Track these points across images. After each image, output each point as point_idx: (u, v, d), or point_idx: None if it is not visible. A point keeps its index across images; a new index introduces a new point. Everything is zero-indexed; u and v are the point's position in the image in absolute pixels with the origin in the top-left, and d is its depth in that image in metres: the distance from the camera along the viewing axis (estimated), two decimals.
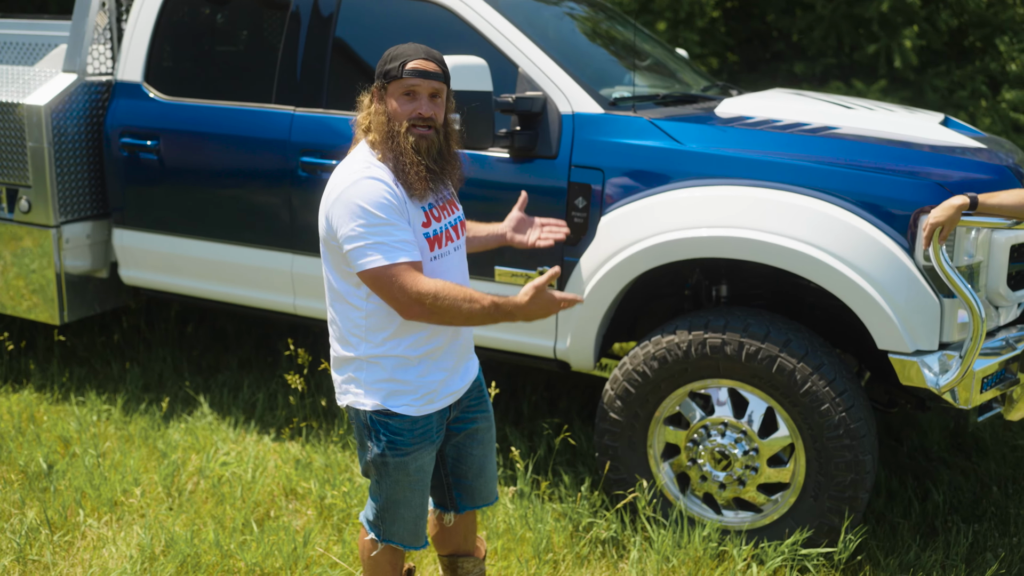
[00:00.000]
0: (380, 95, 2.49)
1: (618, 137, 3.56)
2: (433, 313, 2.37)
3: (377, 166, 2.43)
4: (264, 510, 3.70)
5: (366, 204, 2.34)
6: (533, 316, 2.41)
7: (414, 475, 2.59)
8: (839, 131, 3.61)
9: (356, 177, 2.38)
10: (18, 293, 4.67)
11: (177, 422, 4.38)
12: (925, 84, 9.57)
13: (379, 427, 2.53)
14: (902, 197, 3.21)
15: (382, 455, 2.55)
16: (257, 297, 4.36)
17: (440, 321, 2.42)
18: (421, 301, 2.35)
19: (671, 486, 3.56)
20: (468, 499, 2.83)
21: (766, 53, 12.76)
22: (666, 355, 3.41)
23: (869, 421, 3.29)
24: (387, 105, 2.46)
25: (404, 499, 2.62)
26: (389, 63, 2.46)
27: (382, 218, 2.34)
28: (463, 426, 2.73)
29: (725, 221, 3.30)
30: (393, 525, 2.65)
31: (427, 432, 2.57)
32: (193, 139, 4.35)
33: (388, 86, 2.46)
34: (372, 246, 2.34)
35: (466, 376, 2.68)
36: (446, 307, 2.36)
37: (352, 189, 2.36)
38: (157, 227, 4.50)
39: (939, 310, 3.19)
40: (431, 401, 2.56)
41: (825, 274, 3.20)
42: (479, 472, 2.80)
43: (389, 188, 2.38)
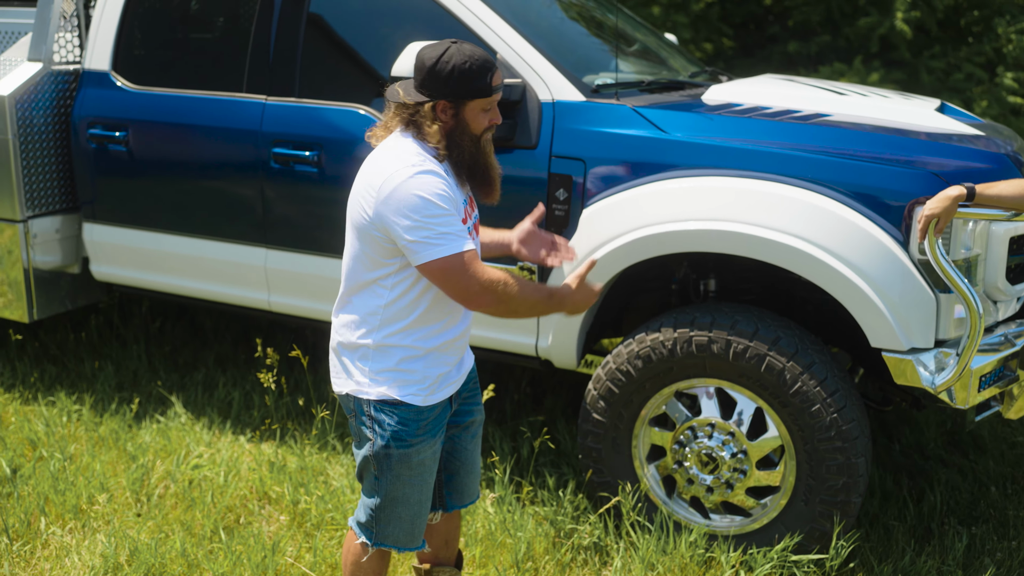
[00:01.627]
0: (455, 108, 2.38)
1: (600, 126, 3.41)
2: (501, 302, 2.36)
3: (430, 159, 2.38)
4: (235, 515, 3.56)
5: (429, 196, 2.30)
6: (578, 306, 2.50)
7: (416, 469, 2.51)
8: (830, 118, 3.46)
9: (413, 170, 2.31)
10: None
11: (149, 423, 4.24)
12: (920, 66, 9.42)
13: (384, 417, 2.46)
14: (896, 187, 3.07)
15: (386, 447, 2.47)
16: (231, 293, 4.21)
17: (506, 309, 2.40)
18: (493, 289, 2.34)
19: (657, 489, 3.42)
20: (457, 497, 2.76)
21: (761, 37, 12.59)
22: (651, 353, 3.27)
23: (862, 422, 3.15)
24: (464, 119, 2.40)
25: (403, 496, 2.52)
26: (475, 80, 2.35)
27: (445, 209, 2.31)
28: (462, 419, 2.69)
29: (710, 214, 3.15)
30: (389, 525, 2.55)
31: (431, 423, 2.51)
32: (162, 130, 4.19)
33: (469, 102, 2.38)
34: (439, 236, 2.30)
35: (463, 367, 2.64)
36: (514, 294, 2.37)
37: (411, 182, 2.30)
38: (128, 221, 4.35)
39: (935, 306, 3.05)
40: (435, 391, 2.51)
41: (815, 269, 3.06)
42: (470, 467, 2.75)
43: (446, 181, 2.36)
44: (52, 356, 4.95)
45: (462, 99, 2.37)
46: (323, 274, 3.91)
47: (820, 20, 10.50)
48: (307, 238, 3.93)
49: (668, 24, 10.87)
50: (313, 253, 3.92)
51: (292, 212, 3.96)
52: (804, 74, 10.54)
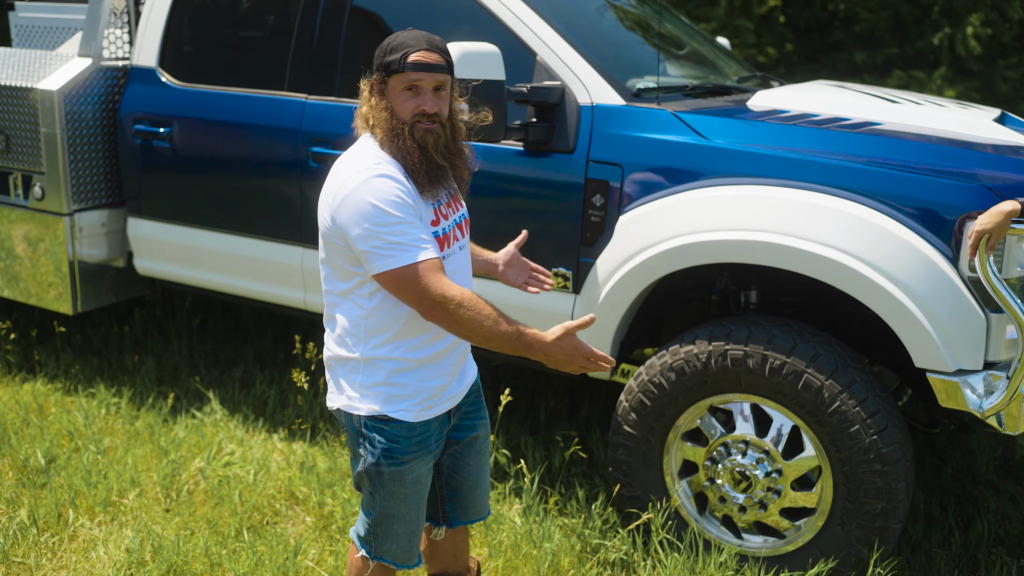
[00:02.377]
0: (380, 88, 2.31)
1: (639, 131, 3.32)
2: (454, 321, 2.21)
3: (388, 161, 2.26)
4: (262, 515, 3.55)
5: (379, 203, 2.18)
6: (554, 359, 2.22)
7: (410, 487, 2.41)
8: (880, 127, 3.32)
9: (367, 174, 2.21)
10: (33, 281, 4.59)
11: (185, 418, 4.26)
12: (995, 75, 9.12)
13: (374, 434, 2.36)
14: (946, 201, 2.93)
15: (376, 464, 2.38)
16: (268, 291, 4.21)
17: (457, 331, 2.25)
18: (444, 305, 2.19)
19: (688, 506, 3.32)
20: (462, 513, 2.66)
21: (826, 43, 12.32)
22: (684, 366, 3.17)
23: (904, 445, 3.02)
24: (389, 100, 2.29)
25: (399, 513, 2.44)
26: (389, 55, 2.28)
27: (398, 216, 2.19)
28: (462, 434, 2.57)
29: (748, 223, 3.04)
30: (386, 541, 2.47)
31: (425, 440, 2.41)
32: (204, 127, 4.21)
33: (389, 80, 2.29)
34: (390, 246, 2.18)
35: (464, 379, 2.52)
36: (468, 319, 2.19)
37: (363, 187, 2.19)
38: (169, 217, 4.38)
39: (985, 326, 2.90)
40: (430, 407, 2.40)
41: (857, 283, 2.93)
42: (475, 484, 2.64)
43: (402, 185, 2.23)
44: (95, 349, 5.01)
45: (384, 76, 2.28)
46: None
47: (888, 28, 10.24)
48: None
49: (731, 28, 10.69)
50: None
51: None
52: (871, 83, 10.30)
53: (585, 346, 2.23)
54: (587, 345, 2.24)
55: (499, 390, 4.35)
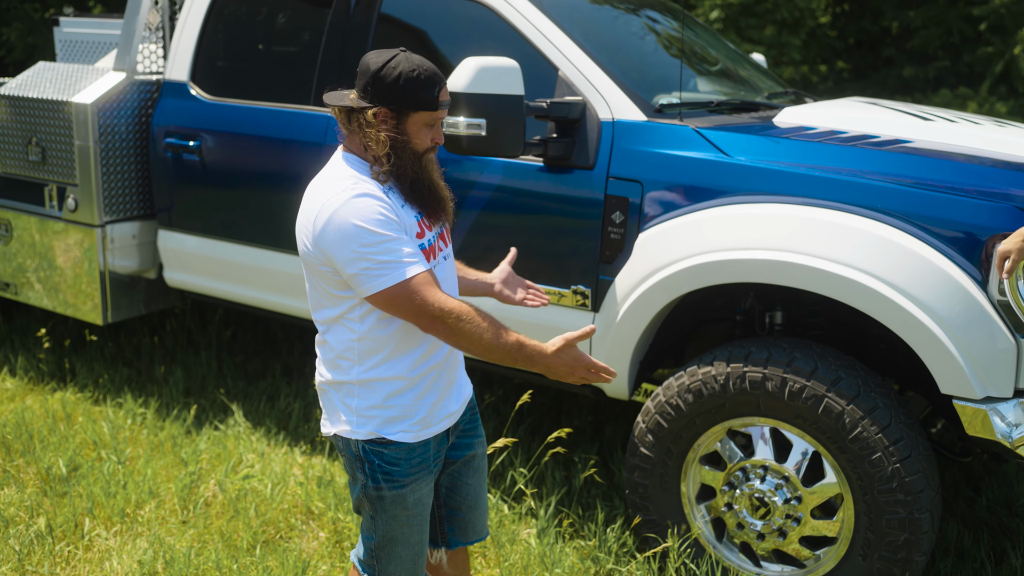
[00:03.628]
0: (396, 118, 2.22)
1: (659, 147, 3.26)
2: (453, 334, 2.17)
3: (364, 180, 2.20)
4: (277, 529, 3.54)
5: (363, 223, 2.12)
6: (555, 371, 2.19)
7: (412, 508, 2.36)
8: (910, 145, 3.23)
9: (346, 195, 2.15)
10: (67, 291, 4.66)
11: (208, 430, 4.28)
12: None
13: (373, 458, 2.32)
14: (975, 221, 2.82)
15: (377, 488, 2.33)
16: (293, 305, 4.22)
17: (457, 344, 2.21)
18: (443, 319, 2.15)
19: (706, 531, 3.24)
20: (461, 534, 2.60)
21: (877, 59, 12.11)
22: (702, 388, 3.10)
23: (929, 475, 2.90)
24: (406, 131, 2.22)
25: (402, 536, 2.39)
26: (421, 90, 2.19)
27: (384, 235, 2.14)
28: (460, 452, 2.53)
29: (769, 243, 2.96)
30: (390, 565, 2.41)
31: (425, 460, 2.37)
32: (231, 140, 4.24)
33: (413, 114, 2.22)
34: (380, 266, 2.13)
35: (461, 396, 2.48)
36: (468, 331, 2.16)
37: (344, 209, 2.13)
38: (198, 230, 4.42)
39: (1016, 352, 2.79)
40: (428, 425, 2.36)
41: (881, 306, 2.84)
42: (473, 504, 2.58)
43: (383, 203, 2.18)
44: (127, 359, 5.07)
45: (405, 110, 2.21)
46: None
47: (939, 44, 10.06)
48: None
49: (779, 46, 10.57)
50: None
51: None
52: (921, 100, 10.10)
53: (585, 357, 2.19)
54: (587, 356, 2.20)
55: (519, 407, 4.30)
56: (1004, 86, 9.24)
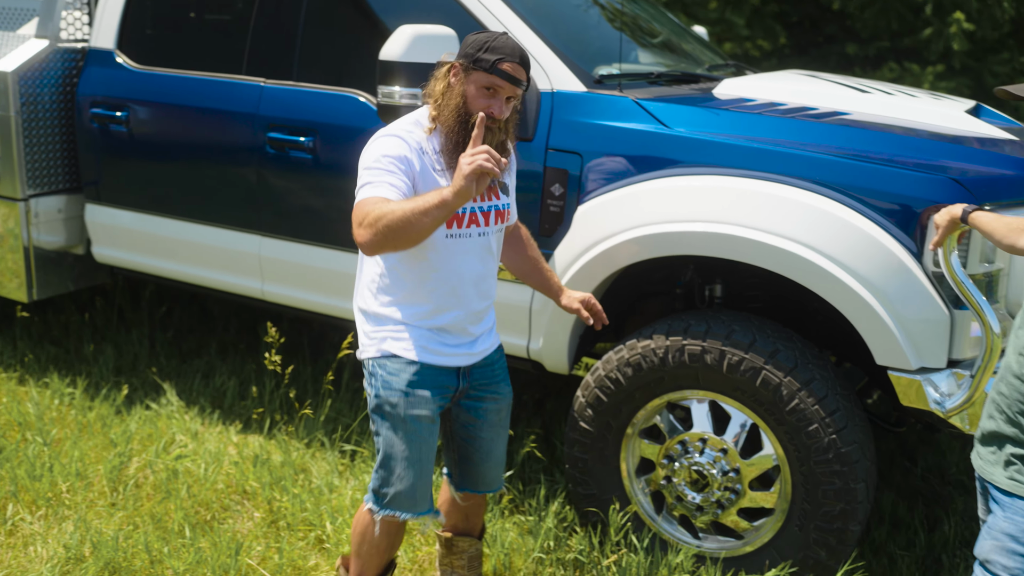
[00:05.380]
0: (462, 73, 2.46)
1: (599, 119, 3.22)
2: (373, 229, 2.28)
3: (407, 130, 2.48)
4: (210, 510, 3.45)
5: (378, 152, 2.42)
6: (459, 186, 2.24)
7: (410, 425, 2.51)
8: (848, 117, 3.23)
9: (383, 132, 2.48)
10: None
11: (139, 409, 4.16)
12: (984, 71, 9.05)
13: (378, 369, 2.55)
14: (910, 193, 2.83)
15: (377, 397, 2.54)
16: (225, 280, 4.11)
17: (385, 239, 2.28)
18: (361, 222, 2.30)
19: (645, 505, 3.23)
20: (470, 482, 2.79)
21: (818, 36, 12.21)
22: (641, 361, 3.08)
23: (864, 445, 2.93)
24: (465, 88, 2.45)
25: (401, 453, 2.52)
26: (484, 53, 2.42)
27: (380, 166, 2.40)
28: (471, 403, 2.68)
29: (706, 215, 2.95)
30: (391, 486, 2.55)
31: (423, 382, 2.52)
32: (160, 111, 4.10)
33: (473, 72, 2.44)
34: (362, 186, 2.38)
35: (473, 347, 2.63)
36: (380, 215, 2.27)
37: (375, 143, 2.46)
38: (127, 203, 4.27)
39: (949, 323, 2.81)
40: (432, 354, 2.55)
41: (818, 278, 2.84)
42: (485, 456, 2.74)
43: (407, 145, 2.44)
44: (54, 337, 4.91)
45: (468, 65, 2.43)
46: (316, 264, 3.79)
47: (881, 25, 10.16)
48: (301, 227, 3.80)
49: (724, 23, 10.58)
50: (307, 243, 3.80)
51: (286, 200, 3.83)
52: (863, 76, 10.19)
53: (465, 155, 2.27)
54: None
55: None
56: (943, 64, 9.37)
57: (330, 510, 3.35)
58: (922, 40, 9.06)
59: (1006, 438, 2.11)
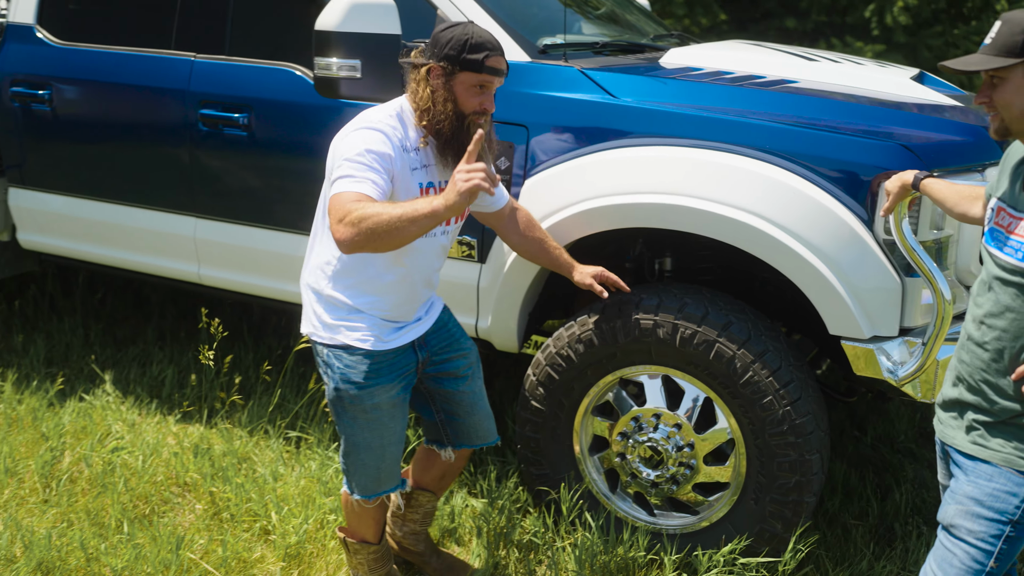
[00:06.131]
0: (445, 76, 2.44)
1: (544, 89, 3.13)
2: (355, 227, 2.21)
3: (391, 125, 2.44)
4: (150, 504, 3.32)
5: (358, 145, 2.37)
6: (451, 199, 2.23)
7: (371, 413, 2.53)
8: (796, 85, 3.18)
9: (367, 124, 2.42)
10: None
11: (74, 401, 3.99)
12: (919, 44, 9.16)
13: (334, 361, 2.54)
14: (860, 160, 2.79)
15: (336, 389, 2.54)
16: (160, 265, 3.95)
17: (368, 237, 2.22)
18: (343, 219, 2.23)
19: (599, 484, 3.18)
20: (465, 438, 2.83)
21: (756, 12, 12.26)
22: (592, 338, 3.01)
23: (819, 416, 2.90)
24: (454, 90, 2.44)
25: (364, 442, 2.56)
26: (468, 52, 2.41)
27: (363, 161, 2.35)
28: (440, 366, 2.73)
29: (655, 186, 2.88)
30: (356, 474, 2.61)
31: (383, 368, 2.53)
32: (86, 89, 3.92)
33: (459, 73, 2.43)
34: (341, 176, 2.33)
35: (421, 319, 2.67)
36: (364, 215, 2.22)
37: (358, 133, 2.40)
38: (54, 187, 4.09)
39: (900, 291, 2.79)
40: (388, 341, 2.56)
41: (769, 248, 2.79)
42: (470, 410, 2.79)
43: (390, 142, 2.41)
44: None
45: (453, 67, 2.41)
46: (255, 246, 3.65)
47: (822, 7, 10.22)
48: (237, 208, 3.67)
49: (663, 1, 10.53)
50: (244, 224, 3.66)
51: (221, 179, 3.69)
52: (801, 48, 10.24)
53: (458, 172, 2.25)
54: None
55: None
56: (881, 40, 9.47)
57: (275, 499, 3.25)
58: (861, 16, 9.14)
59: (968, 405, 2.09)
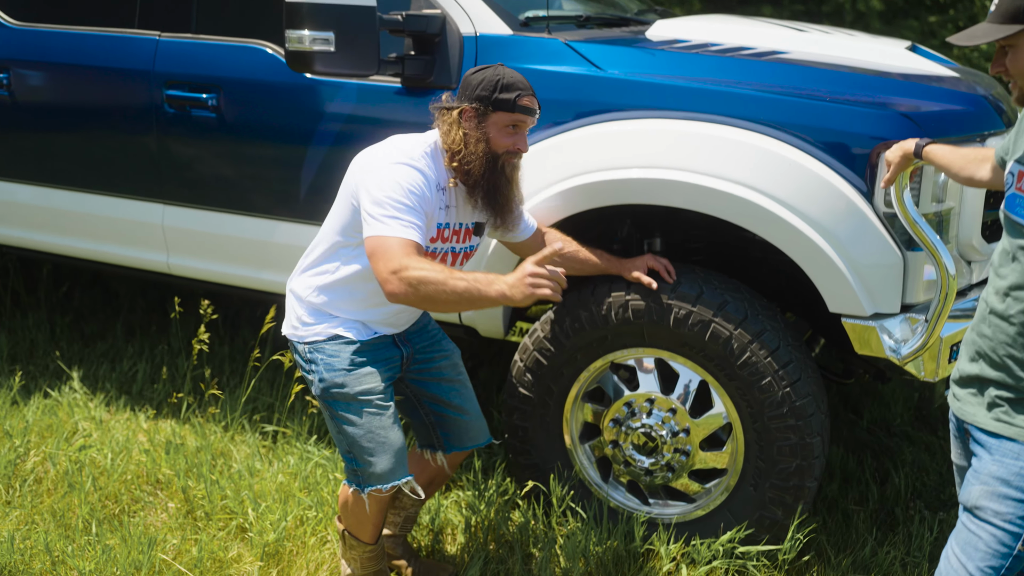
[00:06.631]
0: (478, 117, 2.44)
1: (528, 62, 2.99)
2: (409, 285, 2.24)
3: (430, 165, 2.44)
4: (120, 503, 3.16)
5: (401, 183, 2.34)
6: (513, 294, 2.25)
7: (361, 398, 2.48)
8: (788, 56, 3.06)
9: (406, 161, 2.39)
10: None
11: (39, 398, 3.82)
12: (895, 33, 9.16)
13: (316, 355, 2.52)
14: (860, 131, 2.68)
15: (322, 381, 2.50)
16: (128, 255, 3.78)
17: (417, 298, 2.26)
18: (399, 272, 2.24)
19: (591, 473, 3.05)
20: (456, 439, 2.74)
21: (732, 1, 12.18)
22: (582, 321, 2.88)
23: (819, 398, 2.79)
24: (486, 131, 2.44)
25: (364, 429, 2.48)
26: (501, 92, 2.42)
27: (408, 203, 2.33)
28: (423, 367, 2.69)
29: (646, 160, 2.76)
30: (368, 466, 2.49)
31: (365, 353, 2.51)
32: (45, 72, 3.75)
33: (493, 114, 2.44)
34: (389, 217, 2.31)
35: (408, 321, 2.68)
36: (421, 278, 2.23)
37: (396, 168, 2.37)
38: (12, 174, 3.91)
39: (902, 265, 2.68)
40: (366, 332, 2.55)
41: (765, 222, 2.67)
42: (460, 411, 2.72)
43: (428, 183, 2.40)
44: None
45: (485, 108, 2.41)
46: (226, 233, 3.50)
47: None
48: (207, 193, 3.51)
49: None
50: (214, 209, 3.50)
51: (189, 164, 3.53)
52: None
53: (526, 267, 2.25)
54: (526, 266, 2.25)
55: None
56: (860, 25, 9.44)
57: (252, 496, 3.10)
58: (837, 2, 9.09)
59: (990, 381, 1.97)
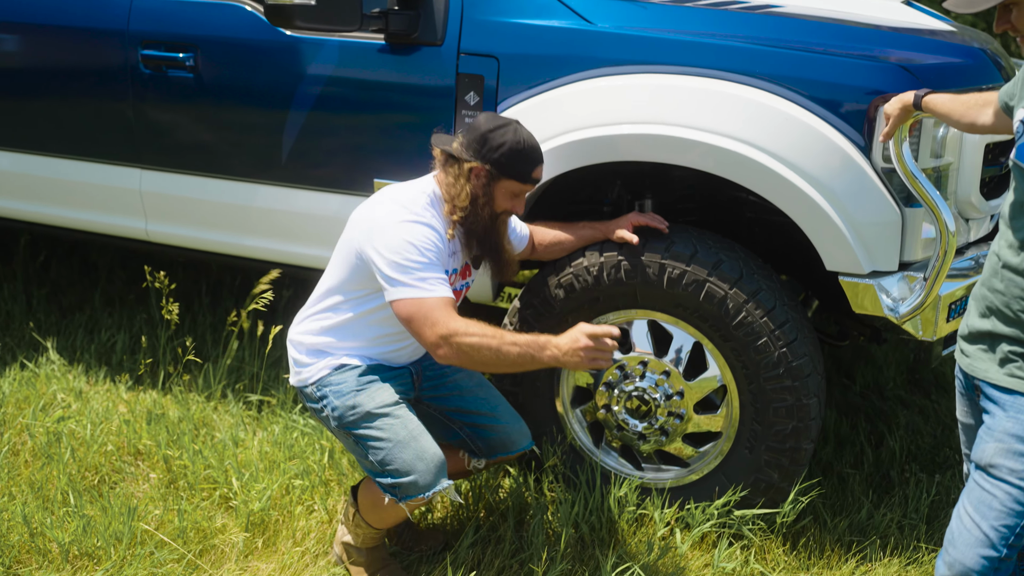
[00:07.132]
0: (489, 179, 2.45)
1: (515, 16, 2.90)
2: (462, 352, 2.29)
3: (435, 216, 2.45)
4: (99, 474, 3.08)
5: (417, 243, 2.35)
6: (565, 359, 2.31)
7: (378, 412, 2.43)
8: (781, 9, 2.98)
9: (414, 219, 2.39)
10: None
11: (15, 369, 3.72)
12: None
13: (322, 389, 2.50)
14: (856, 83, 2.61)
15: (335, 410, 2.47)
16: (104, 222, 3.68)
17: (468, 361, 2.32)
18: (448, 338, 2.27)
19: (583, 438, 3.00)
20: (499, 446, 2.67)
21: None
22: (573, 282, 2.81)
23: (815, 358, 2.73)
24: (492, 194, 2.47)
25: (391, 445, 2.40)
26: (519, 163, 2.43)
27: (428, 260, 2.35)
28: (436, 382, 2.67)
29: (638, 116, 2.68)
30: (403, 477, 2.39)
31: (370, 374, 2.49)
32: (15, 32, 3.64)
33: (504, 180, 2.45)
34: (416, 280, 2.32)
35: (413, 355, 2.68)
36: (475, 344, 2.27)
37: (407, 228, 2.37)
38: None
39: (900, 222, 2.62)
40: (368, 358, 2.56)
41: (759, 177, 2.60)
42: (493, 417, 2.67)
43: (440, 237, 2.42)
44: None
45: (499, 174, 2.42)
46: (206, 197, 3.40)
47: None
48: (185, 157, 3.41)
49: None
50: (193, 173, 3.41)
51: (167, 126, 3.42)
52: None
53: (583, 328, 2.31)
54: (583, 328, 2.31)
55: None
56: None
57: (236, 465, 3.03)
58: None
59: (1003, 337, 1.91)
